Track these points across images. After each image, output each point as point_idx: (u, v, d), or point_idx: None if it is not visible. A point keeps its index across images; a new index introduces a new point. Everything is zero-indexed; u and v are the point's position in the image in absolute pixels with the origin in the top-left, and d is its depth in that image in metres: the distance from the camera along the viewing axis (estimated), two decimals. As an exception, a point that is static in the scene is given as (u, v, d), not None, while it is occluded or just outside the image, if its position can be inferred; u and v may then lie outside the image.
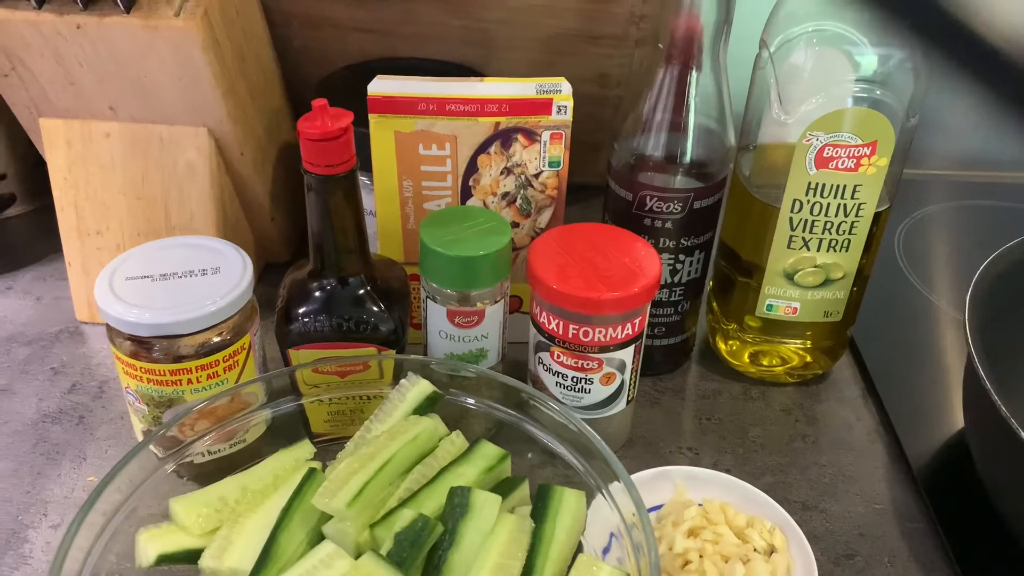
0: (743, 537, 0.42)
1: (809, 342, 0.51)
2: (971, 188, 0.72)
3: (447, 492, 0.36)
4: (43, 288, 0.58)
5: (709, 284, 0.54)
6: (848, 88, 0.43)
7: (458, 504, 0.36)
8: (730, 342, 0.53)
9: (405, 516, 0.35)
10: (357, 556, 0.35)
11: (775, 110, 0.44)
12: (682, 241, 0.48)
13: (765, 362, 0.53)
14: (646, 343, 0.50)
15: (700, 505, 0.43)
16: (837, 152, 0.44)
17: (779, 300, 0.49)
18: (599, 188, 0.50)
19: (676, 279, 0.49)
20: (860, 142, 0.43)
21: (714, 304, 0.53)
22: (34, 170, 0.61)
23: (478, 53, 0.56)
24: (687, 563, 0.40)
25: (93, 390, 0.51)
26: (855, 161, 0.44)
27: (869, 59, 0.43)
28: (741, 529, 0.42)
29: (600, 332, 0.43)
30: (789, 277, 0.48)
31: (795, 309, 0.49)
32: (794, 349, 0.51)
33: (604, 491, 0.38)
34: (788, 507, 0.45)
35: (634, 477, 0.44)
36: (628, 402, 0.46)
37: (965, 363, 0.44)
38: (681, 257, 0.48)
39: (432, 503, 0.37)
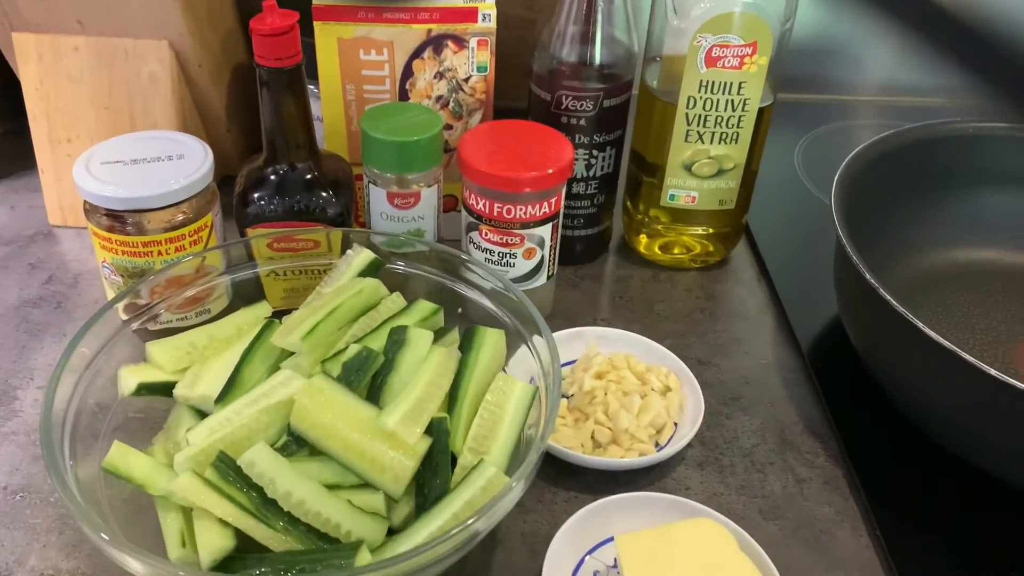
0: (643, 379, 0.49)
1: (710, 228, 0.58)
2: (874, 110, 0.80)
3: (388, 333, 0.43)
4: (16, 199, 0.63)
5: (624, 188, 0.60)
6: (733, -5, 0.50)
7: (397, 339, 0.42)
8: (642, 235, 0.60)
9: (352, 349, 0.42)
10: (311, 388, 0.41)
11: (669, 15, 0.51)
12: (595, 137, 0.54)
13: (675, 251, 0.60)
14: (567, 234, 0.57)
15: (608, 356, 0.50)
16: (724, 52, 0.50)
17: (680, 190, 0.56)
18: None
19: (591, 173, 0.56)
20: (743, 42, 0.50)
21: (628, 204, 0.60)
22: (4, 95, 0.65)
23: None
24: (594, 399, 0.47)
25: (69, 280, 0.56)
26: (739, 60, 0.51)
27: (752, -29, 0.50)
28: (642, 373, 0.49)
29: (521, 210, 0.49)
30: (687, 168, 0.55)
31: (694, 198, 0.56)
32: (696, 237, 0.58)
33: (528, 343, 0.44)
34: (686, 362, 0.52)
35: (556, 335, 0.51)
36: (549, 277, 0.53)
37: (835, 241, 0.51)
38: (595, 152, 0.55)
39: (375, 345, 0.43)
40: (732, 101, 0.52)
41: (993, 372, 0.38)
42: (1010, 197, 0.57)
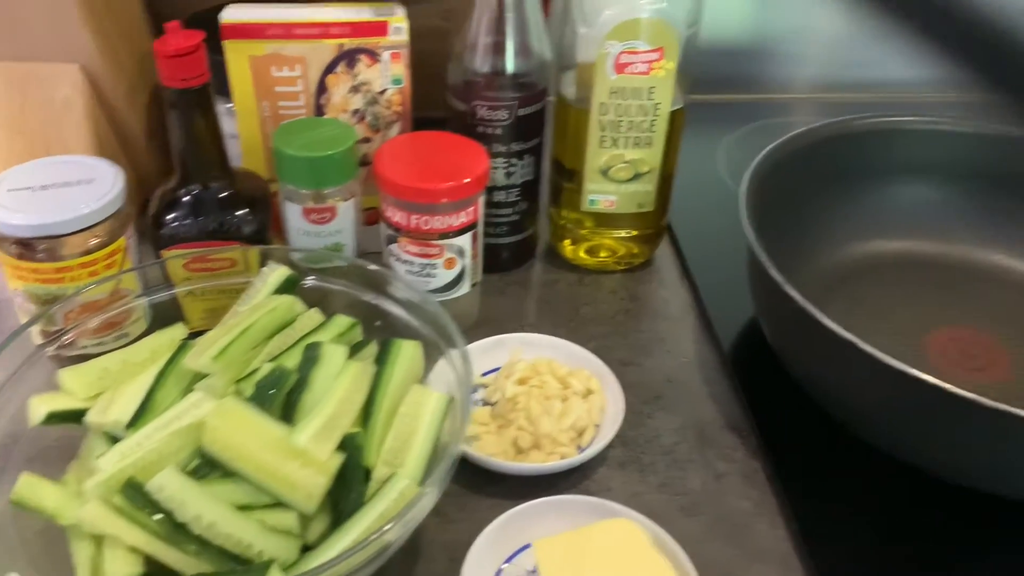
0: (565, 383, 0.49)
1: (634, 231, 0.59)
2: (800, 107, 0.82)
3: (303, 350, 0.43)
4: (-67, 228, 0.62)
5: (547, 194, 0.61)
6: (638, 2, 0.51)
7: (310, 356, 0.42)
8: (566, 240, 0.60)
9: (265, 368, 0.42)
10: (227, 409, 0.41)
11: (578, 24, 0.52)
12: (512, 146, 0.55)
13: (601, 254, 0.60)
14: (492, 242, 0.58)
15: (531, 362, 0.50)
16: (632, 58, 0.51)
17: (599, 195, 0.56)
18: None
19: (512, 181, 0.56)
20: (650, 48, 0.51)
21: (551, 210, 0.61)
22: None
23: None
24: (516, 405, 0.48)
25: (-14, 310, 0.55)
26: (647, 66, 0.51)
27: (656, -22, 0.51)
28: (564, 377, 0.49)
29: (439, 220, 0.49)
30: (605, 173, 0.56)
31: (613, 202, 0.57)
32: (619, 240, 0.59)
33: (446, 355, 0.44)
34: (609, 363, 0.52)
35: (476, 344, 0.51)
36: (472, 286, 0.53)
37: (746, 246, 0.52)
38: (514, 160, 0.55)
39: (291, 363, 0.43)
40: (643, 106, 0.53)
41: (890, 361, 0.40)
42: (921, 189, 0.58)
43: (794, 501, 0.45)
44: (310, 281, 0.49)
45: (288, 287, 0.47)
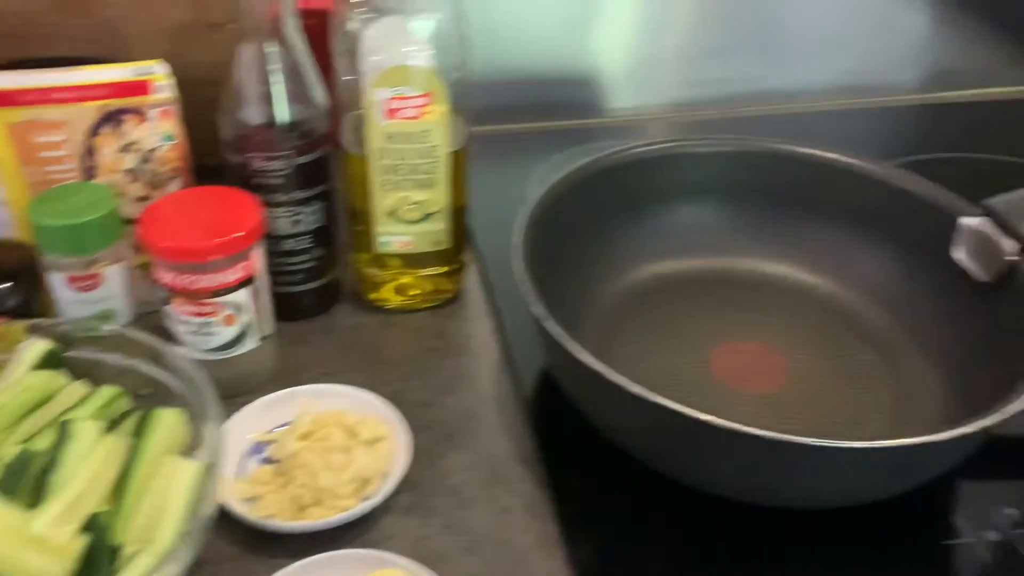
0: (353, 433, 0.49)
1: (435, 268, 0.59)
2: (612, 131, 0.84)
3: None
4: None
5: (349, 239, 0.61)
6: (403, 49, 0.51)
7: (62, 435, 0.41)
8: (369, 283, 0.60)
9: (11, 452, 0.40)
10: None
11: (344, 71, 0.52)
12: (296, 194, 0.54)
13: (409, 293, 0.60)
14: (288, 290, 0.57)
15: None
16: (401, 104, 0.52)
17: (392, 237, 0.57)
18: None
19: (300, 229, 0.56)
20: (416, 93, 0.51)
21: (352, 255, 0.61)
22: None
23: (109, 47, 0.60)
24: (298, 461, 0.47)
25: None
26: (418, 111, 0.52)
27: (423, 24, 0.52)
28: (352, 427, 0.49)
29: (210, 279, 0.49)
30: (394, 215, 0.56)
31: (407, 243, 0.57)
32: (422, 279, 0.60)
33: (213, 420, 0.44)
34: (408, 406, 0.52)
35: (264, 399, 0.51)
36: (262, 340, 0.53)
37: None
38: (299, 209, 0.55)
39: (47, 442, 0.42)
40: (420, 149, 0.53)
41: (636, 389, 0.41)
42: (704, 208, 0.60)
43: (571, 531, 0.46)
44: (81, 352, 0.47)
45: (51, 361, 0.46)
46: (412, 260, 0.58)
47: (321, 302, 0.60)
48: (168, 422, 0.43)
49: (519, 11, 0.79)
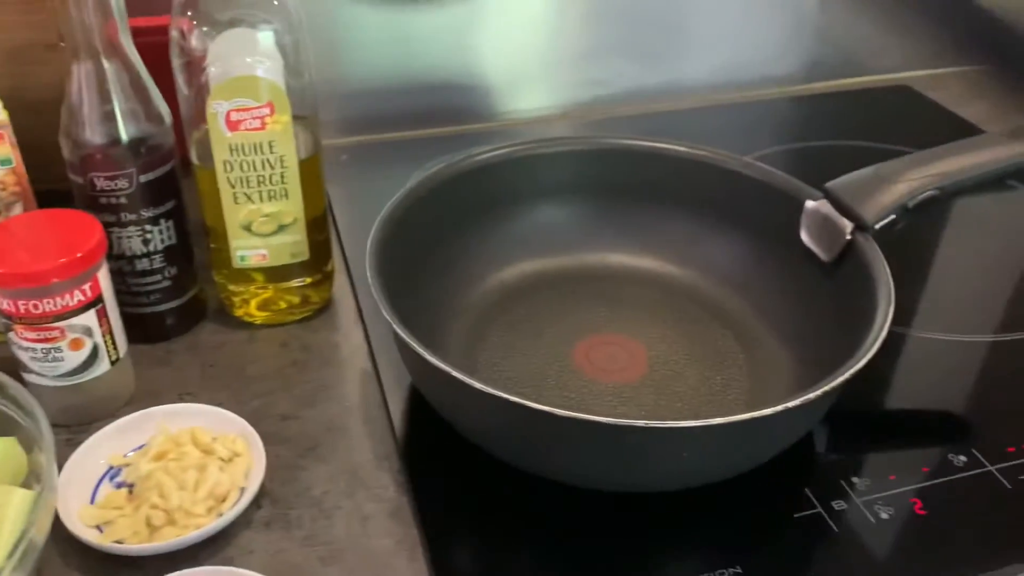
0: (209, 450, 0.48)
1: (300, 280, 0.59)
2: (496, 136, 0.85)
3: None
4: None
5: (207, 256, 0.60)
6: (241, 61, 0.51)
7: None
8: (234, 299, 0.59)
9: None
10: None
11: (183, 85, 0.51)
12: (143, 212, 0.53)
13: (273, 307, 0.60)
14: (146, 311, 0.56)
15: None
16: (242, 115, 0.51)
17: (248, 251, 0.56)
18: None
19: (151, 248, 0.55)
20: (257, 104, 0.51)
21: (214, 272, 0.60)
22: None
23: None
24: (151, 482, 0.46)
25: None
26: (260, 121, 0.52)
27: (260, 36, 0.51)
28: (208, 445, 0.49)
29: (50, 303, 0.48)
30: (247, 229, 0.55)
31: (264, 256, 0.56)
32: (285, 292, 0.59)
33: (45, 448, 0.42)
34: (269, 421, 0.52)
35: (119, 422, 0.50)
36: (113, 362, 0.52)
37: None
38: (148, 227, 0.54)
39: None
40: (268, 160, 0.53)
41: (477, 385, 0.41)
42: (564, 207, 0.61)
43: (430, 532, 0.46)
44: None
45: None
46: (273, 273, 0.58)
47: (183, 321, 0.59)
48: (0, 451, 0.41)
49: (402, 19, 0.80)
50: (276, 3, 0.51)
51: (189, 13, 0.50)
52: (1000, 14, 0.97)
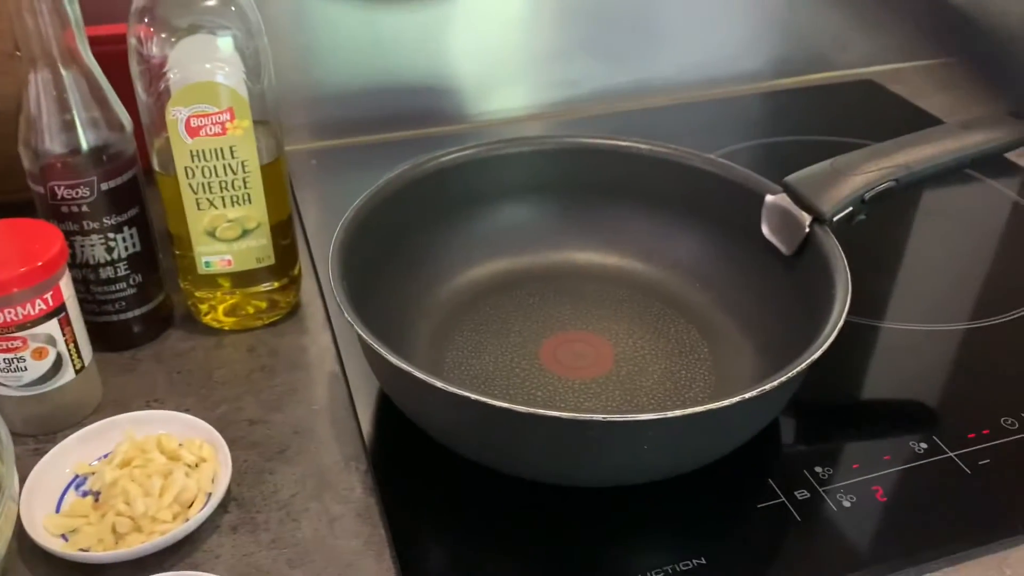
0: (175, 457, 0.48)
1: (265, 285, 0.59)
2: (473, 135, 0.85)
3: None
4: None
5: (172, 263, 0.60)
6: (199, 67, 0.51)
7: None
8: (201, 305, 0.59)
9: None
10: None
11: (142, 92, 0.51)
12: (105, 220, 0.53)
13: (241, 312, 0.60)
14: (113, 319, 0.56)
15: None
16: (202, 121, 0.51)
17: (212, 256, 0.56)
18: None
19: (115, 256, 0.55)
20: (217, 110, 0.51)
21: (180, 279, 0.60)
22: None
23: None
24: (116, 489, 0.46)
25: None
26: (221, 127, 0.52)
27: (218, 41, 0.51)
28: (174, 451, 0.49)
29: (12, 312, 0.47)
30: (211, 234, 0.55)
31: (229, 261, 0.56)
32: (253, 296, 0.59)
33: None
34: (237, 426, 0.52)
35: (84, 430, 0.50)
36: (78, 371, 0.52)
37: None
38: (111, 235, 0.54)
39: None
40: (229, 165, 0.53)
41: (439, 384, 0.41)
42: (529, 207, 0.62)
43: (397, 532, 0.46)
44: None
45: None
46: (239, 279, 0.58)
47: (149, 328, 0.59)
48: (-40, 462, 0.41)
49: (372, 23, 0.80)
50: (234, 9, 0.51)
51: (147, 20, 0.50)
52: (962, 7, 0.99)
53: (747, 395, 0.41)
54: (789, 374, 0.43)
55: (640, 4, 0.88)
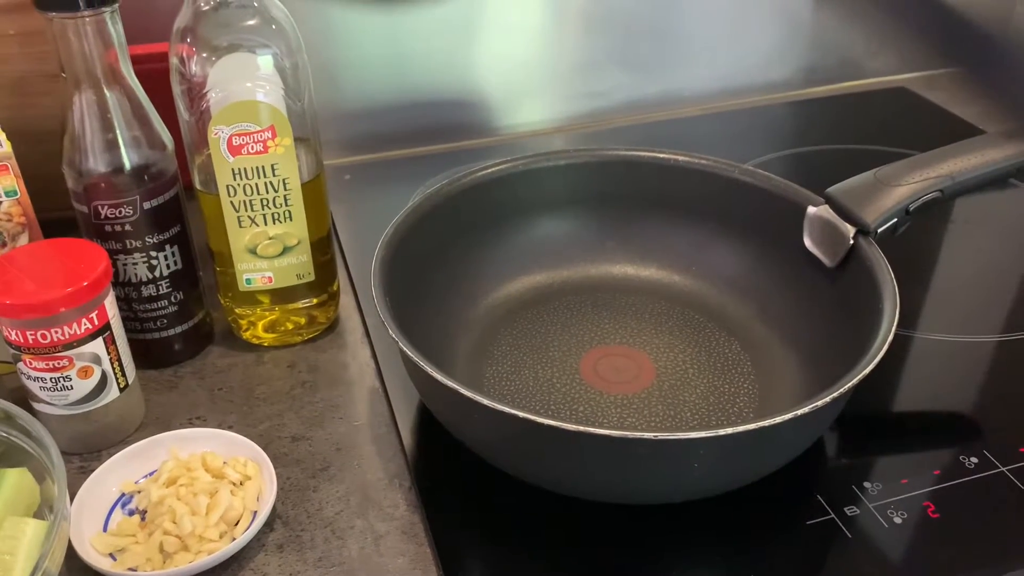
0: (219, 475, 0.48)
1: (305, 302, 0.59)
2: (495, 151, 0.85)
3: None
4: None
5: (213, 280, 0.60)
6: (240, 86, 0.51)
7: None
8: (241, 322, 0.60)
9: None
10: None
11: (183, 112, 0.52)
12: (147, 239, 0.54)
13: (280, 329, 0.60)
14: (153, 336, 0.57)
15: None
16: (244, 140, 0.52)
17: (253, 274, 0.56)
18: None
19: (157, 274, 0.55)
20: (260, 128, 0.51)
21: (220, 296, 0.60)
22: None
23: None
24: (163, 508, 0.46)
25: None
26: (262, 145, 0.52)
27: (259, 60, 0.52)
28: (219, 469, 0.49)
29: (58, 332, 0.48)
30: (253, 252, 0.56)
31: (270, 278, 0.57)
32: (292, 313, 0.59)
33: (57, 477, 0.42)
34: (279, 443, 0.52)
35: (129, 449, 0.50)
36: (122, 389, 0.52)
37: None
38: (154, 253, 0.54)
39: None
40: (271, 183, 0.53)
41: (484, 401, 0.41)
42: (567, 220, 0.61)
43: (446, 548, 0.46)
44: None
45: None
46: (279, 295, 0.58)
47: (191, 345, 0.59)
48: (12, 482, 0.41)
49: (399, 37, 0.80)
50: (274, 27, 0.51)
51: (188, 39, 0.51)
52: (986, 17, 0.97)
53: (799, 411, 0.41)
54: (841, 389, 0.42)
55: (666, 14, 0.88)
